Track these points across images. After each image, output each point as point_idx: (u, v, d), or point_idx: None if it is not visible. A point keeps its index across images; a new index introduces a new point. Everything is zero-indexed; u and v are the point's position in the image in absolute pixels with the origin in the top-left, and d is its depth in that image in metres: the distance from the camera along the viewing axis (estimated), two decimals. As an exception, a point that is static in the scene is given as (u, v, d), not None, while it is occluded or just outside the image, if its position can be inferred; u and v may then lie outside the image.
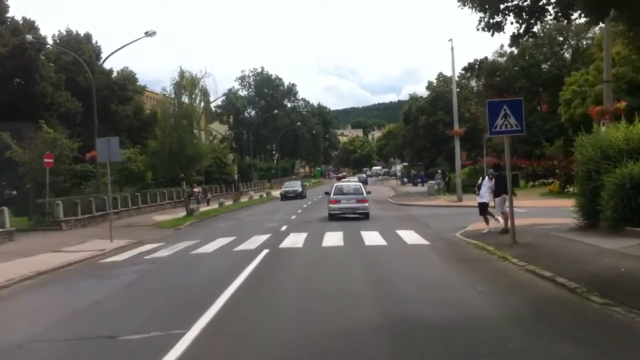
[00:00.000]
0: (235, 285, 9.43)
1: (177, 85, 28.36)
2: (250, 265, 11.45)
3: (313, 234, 17.65)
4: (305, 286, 9.57)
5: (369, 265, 11.44)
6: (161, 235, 21.64)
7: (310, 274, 10.64)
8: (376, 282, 9.55)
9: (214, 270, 11.78)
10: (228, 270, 11.14)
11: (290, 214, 28.03)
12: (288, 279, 10.30)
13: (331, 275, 10.45)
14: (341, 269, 11.07)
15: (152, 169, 30.32)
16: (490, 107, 13.07)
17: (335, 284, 9.52)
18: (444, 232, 17.25)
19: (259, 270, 11.06)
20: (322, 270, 11.09)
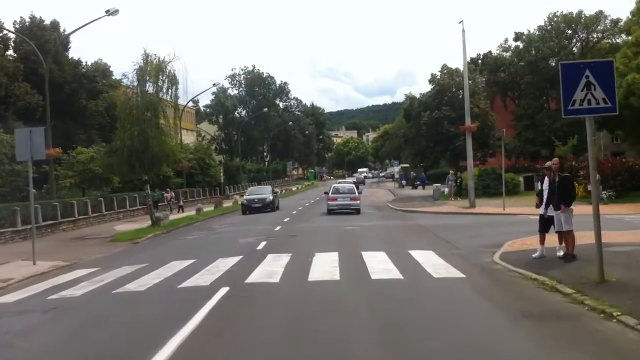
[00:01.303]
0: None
1: (140, 71, 23.71)
2: (186, 327, 6.89)
3: (298, 256, 13.10)
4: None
5: (384, 328, 6.88)
6: (107, 254, 17.07)
7: (282, 354, 6.06)
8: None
9: (127, 335, 7.20)
10: (145, 339, 6.62)
11: (274, 223, 23.47)
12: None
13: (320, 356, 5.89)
14: (338, 337, 6.50)
15: (109, 170, 25.63)
16: (566, 73, 8.66)
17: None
18: (474, 254, 12.76)
19: (196, 339, 6.50)
20: (305, 342, 6.50)
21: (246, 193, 36.69)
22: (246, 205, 32.19)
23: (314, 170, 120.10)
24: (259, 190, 36.91)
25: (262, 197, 33.06)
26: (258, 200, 32.44)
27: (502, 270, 10.56)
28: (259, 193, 34.49)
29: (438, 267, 10.91)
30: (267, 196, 33.22)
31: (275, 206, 33.20)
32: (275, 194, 35.44)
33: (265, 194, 34.10)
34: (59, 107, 41.51)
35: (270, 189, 37.14)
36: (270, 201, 32.63)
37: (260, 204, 31.95)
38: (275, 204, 33.72)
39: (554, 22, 62.50)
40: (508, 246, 13.51)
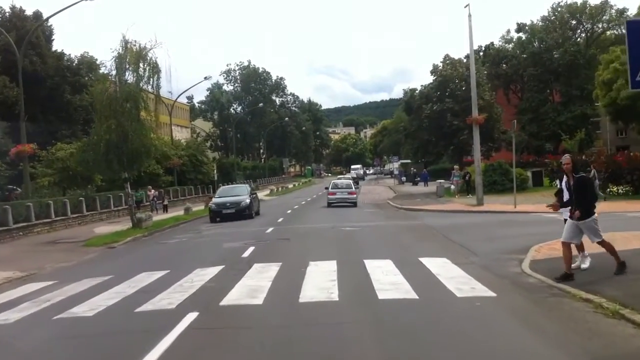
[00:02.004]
0: None
1: (118, 59, 21.63)
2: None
3: (289, 266, 11.10)
4: None
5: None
6: (74, 262, 15.08)
7: None
8: None
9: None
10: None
11: (267, 224, 21.47)
12: None
13: None
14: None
15: (85, 167, 23.57)
16: (633, 32, 6.58)
17: None
18: (497, 263, 10.78)
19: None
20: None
21: (216, 194, 28.88)
22: (215, 211, 25.09)
23: (311, 167, 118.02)
24: (233, 190, 28.42)
25: (235, 199, 25.48)
26: (231, 204, 25.03)
27: (539, 285, 8.56)
28: (232, 194, 26.60)
29: (458, 281, 8.92)
30: (243, 198, 25.71)
31: (253, 211, 25.88)
32: (254, 196, 27.98)
33: (240, 195, 26.27)
34: (41, 101, 39.53)
35: (247, 188, 28.86)
36: (246, 205, 25.26)
37: (233, 209, 24.78)
38: (254, 208, 26.28)
39: (557, 12, 60.56)
40: (535, 252, 11.52)
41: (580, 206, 8.36)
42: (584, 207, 8.36)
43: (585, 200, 8.42)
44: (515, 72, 60.12)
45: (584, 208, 8.36)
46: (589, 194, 8.55)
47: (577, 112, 54.60)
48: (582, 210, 8.34)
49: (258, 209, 27.73)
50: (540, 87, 58.63)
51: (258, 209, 27.79)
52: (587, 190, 8.54)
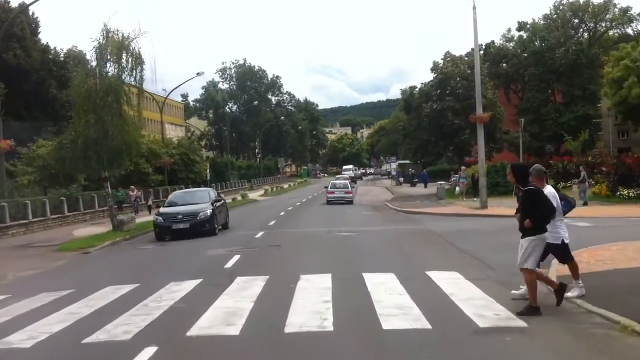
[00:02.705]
0: None
1: (99, 50, 20.12)
2: None
3: (277, 280, 9.61)
4: None
5: None
6: (40, 271, 13.55)
7: None
8: None
9: None
10: None
11: (257, 228, 19.97)
12: None
13: None
14: None
15: (62, 166, 22.03)
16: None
17: None
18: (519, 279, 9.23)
19: None
20: None
21: (166, 202, 21.36)
22: (162, 226, 18.31)
23: (307, 167, 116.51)
24: (189, 197, 20.79)
25: (191, 209, 18.59)
26: (184, 216, 18.27)
27: (576, 311, 7.10)
28: (187, 203, 19.50)
29: (477, 304, 7.45)
30: (202, 208, 18.66)
31: (216, 225, 18.96)
32: (220, 204, 20.78)
33: (199, 203, 19.14)
34: (26, 96, 37.99)
35: (211, 194, 21.03)
36: (206, 217, 18.38)
37: (187, 223, 18.04)
38: (218, 221, 19.27)
39: (560, 10, 59.19)
40: (559, 266, 10.04)
41: (530, 219, 6.98)
42: (530, 221, 6.97)
43: (533, 216, 6.94)
44: (516, 72, 58.75)
45: (534, 222, 6.95)
46: (538, 211, 6.94)
47: (580, 113, 53.27)
48: (533, 224, 6.97)
49: (227, 222, 20.87)
50: (541, 87, 57.26)
51: (227, 221, 20.88)
52: (536, 206, 6.95)
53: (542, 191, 7.14)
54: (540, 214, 6.95)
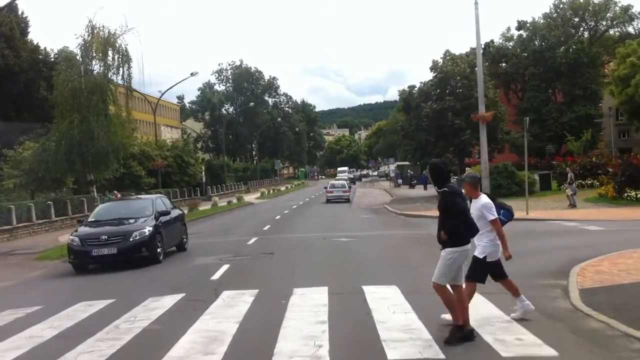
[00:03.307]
0: None
1: (84, 46, 19.17)
2: None
3: (267, 296, 8.63)
4: None
5: None
6: (13, 282, 12.62)
7: None
8: None
9: None
10: None
11: (250, 233, 18.99)
12: None
13: None
14: None
15: (44, 169, 21.03)
16: None
17: None
18: (537, 292, 8.33)
19: None
20: None
21: (90, 216, 14.91)
22: (78, 251, 12.89)
23: (304, 169, 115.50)
24: (123, 209, 14.73)
25: (120, 229, 13.28)
26: (110, 236, 12.83)
27: (610, 334, 6.13)
28: (118, 217, 13.91)
29: (495, 325, 6.50)
30: (137, 226, 13.22)
31: (159, 250, 13.43)
32: (170, 218, 14.75)
33: (134, 219, 13.61)
34: (14, 97, 36.97)
35: (155, 205, 14.51)
36: (143, 238, 12.91)
37: (113, 247, 12.67)
38: (164, 241, 13.81)
39: (560, 9, 58.30)
40: (579, 277, 9.12)
41: (443, 229, 6.00)
42: (445, 231, 5.98)
43: (447, 222, 5.97)
44: (516, 71, 57.84)
45: (449, 232, 5.96)
46: (452, 216, 5.93)
47: (581, 113, 52.39)
48: (448, 235, 5.97)
49: (182, 241, 15.30)
50: (541, 86, 56.37)
51: (182, 240, 15.31)
52: (450, 210, 5.95)
53: (457, 193, 6.01)
54: (457, 222, 5.92)
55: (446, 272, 6.00)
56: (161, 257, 13.39)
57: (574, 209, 23.62)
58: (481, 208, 6.44)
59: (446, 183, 6.05)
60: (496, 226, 6.47)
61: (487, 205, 6.45)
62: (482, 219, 6.40)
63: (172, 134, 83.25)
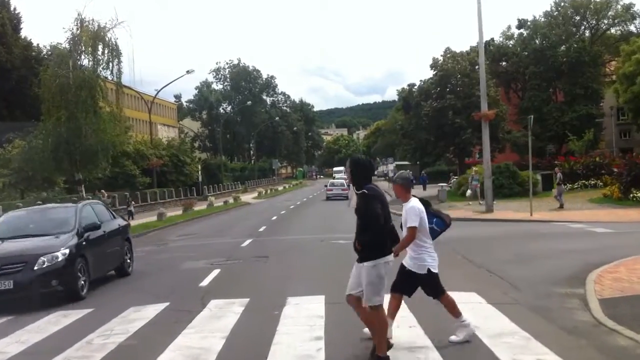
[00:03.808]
0: None
1: (72, 40, 18.46)
2: None
3: (258, 306, 7.93)
4: None
5: None
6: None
7: None
8: None
9: None
10: None
11: (244, 235, 18.28)
12: None
13: None
14: None
15: (31, 167, 20.31)
16: None
17: None
18: (553, 303, 7.66)
19: None
20: None
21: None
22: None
23: (302, 169, 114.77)
24: (32, 220, 10.34)
25: (21, 253, 8.96)
26: (5, 263, 8.73)
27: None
28: (21, 233, 9.76)
29: (511, 342, 5.79)
30: (48, 248, 9.09)
31: (82, 281, 9.38)
32: (103, 234, 10.65)
33: (46, 236, 9.52)
34: (6, 95, 36.24)
35: (79, 217, 10.05)
36: (54, 266, 8.89)
37: (8, 279, 8.62)
38: (90, 268, 9.67)
39: (561, 7, 57.66)
40: (597, 284, 8.42)
41: (360, 237, 5.22)
42: (362, 240, 5.19)
43: (363, 230, 5.19)
44: (516, 70, 57.21)
45: (363, 242, 5.18)
46: (368, 223, 5.12)
47: (582, 112, 51.77)
48: (362, 245, 5.19)
49: (123, 264, 11.51)
50: (542, 85, 55.73)
51: (122, 263, 11.50)
52: (366, 215, 5.13)
53: (376, 195, 5.18)
54: (373, 230, 5.10)
55: (377, 290, 5.20)
56: (84, 290, 9.23)
57: (561, 210, 23.15)
58: (407, 212, 5.72)
59: (367, 184, 5.23)
60: (409, 233, 5.67)
61: (413, 209, 5.71)
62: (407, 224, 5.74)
63: (169, 133, 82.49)
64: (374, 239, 5.12)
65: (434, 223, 6.01)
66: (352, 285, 5.45)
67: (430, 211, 6.02)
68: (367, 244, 5.14)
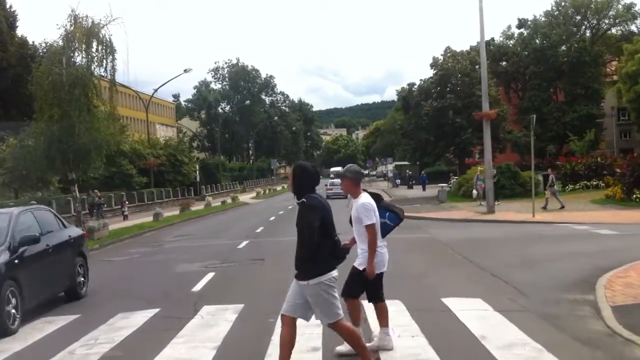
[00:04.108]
0: None
1: (66, 37, 18.06)
2: None
3: (252, 312, 7.55)
4: None
5: None
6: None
7: None
8: None
9: None
10: None
11: (241, 236, 17.90)
12: None
13: None
14: None
15: (22, 166, 19.92)
16: None
17: None
18: (563, 310, 7.29)
19: None
20: None
21: None
22: None
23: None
24: None
25: None
26: None
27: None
28: None
29: (522, 354, 5.41)
30: None
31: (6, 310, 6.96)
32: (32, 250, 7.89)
33: None
34: (1, 94, 35.81)
35: (14, 225, 7.91)
36: None
37: None
38: (24, 294, 7.40)
39: (561, 7, 57.32)
40: (608, 290, 8.03)
41: (299, 253, 4.73)
42: (302, 256, 4.70)
43: (303, 244, 4.68)
44: (516, 70, 56.89)
45: (302, 258, 4.69)
46: (308, 234, 4.59)
47: (583, 113, 51.45)
48: (301, 262, 4.72)
49: (74, 285, 9.22)
50: (542, 85, 55.41)
51: (74, 284, 9.21)
52: (305, 226, 4.63)
53: (316, 206, 4.63)
54: (308, 248, 4.60)
55: (330, 306, 4.71)
56: (16, 323, 7.15)
57: (545, 211, 22.89)
58: (358, 209, 5.36)
59: (308, 192, 4.72)
60: (370, 232, 5.33)
61: (365, 205, 5.35)
62: (360, 222, 5.37)
63: (167, 132, 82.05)
64: (313, 254, 4.59)
65: (386, 217, 5.63)
66: (290, 308, 4.83)
67: (382, 205, 5.65)
68: (307, 260, 4.61)
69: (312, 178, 4.83)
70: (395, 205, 5.94)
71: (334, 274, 4.77)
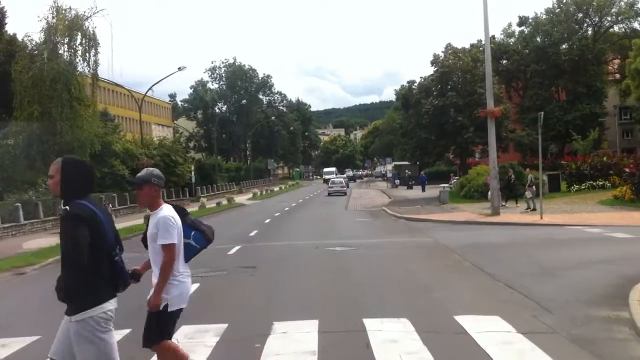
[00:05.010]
0: None
1: (47, 30, 17.04)
2: None
3: (236, 333, 6.55)
4: None
5: None
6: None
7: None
8: None
9: None
10: None
11: (233, 240, 16.86)
12: None
13: None
14: None
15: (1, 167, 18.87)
16: None
17: None
18: (595, 331, 6.30)
19: None
20: None
21: None
22: None
23: (299, 169, 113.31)
24: None
25: None
26: None
27: None
28: None
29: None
30: None
31: None
32: None
33: None
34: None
35: None
36: None
37: None
38: None
39: (563, 4, 56.38)
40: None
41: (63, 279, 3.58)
42: (65, 284, 3.55)
43: (66, 267, 3.58)
44: (517, 68, 55.99)
45: (65, 287, 3.56)
46: (72, 254, 3.49)
47: (586, 111, 50.53)
48: (65, 292, 3.58)
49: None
50: (544, 84, 54.49)
51: None
52: (69, 242, 3.51)
53: (83, 217, 3.48)
54: (80, 267, 3.45)
55: (100, 356, 3.56)
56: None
57: (534, 212, 21.83)
58: (158, 223, 4.18)
59: (79, 196, 3.58)
60: (167, 254, 4.16)
61: (167, 219, 4.18)
62: (157, 241, 4.19)
63: (163, 132, 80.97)
64: (79, 281, 3.49)
65: (191, 237, 4.42)
66: (56, 349, 3.66)
67: (187, 222, 4.43)
68: (71, 290, 3.50)
69: (88, 178, 3.71)
70: (202, 222, 4.63)
71: (109, 306, 3.61)
